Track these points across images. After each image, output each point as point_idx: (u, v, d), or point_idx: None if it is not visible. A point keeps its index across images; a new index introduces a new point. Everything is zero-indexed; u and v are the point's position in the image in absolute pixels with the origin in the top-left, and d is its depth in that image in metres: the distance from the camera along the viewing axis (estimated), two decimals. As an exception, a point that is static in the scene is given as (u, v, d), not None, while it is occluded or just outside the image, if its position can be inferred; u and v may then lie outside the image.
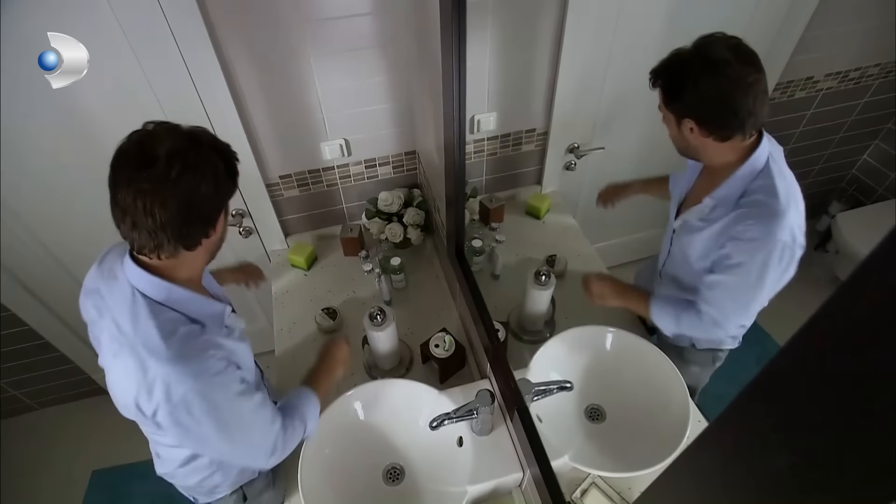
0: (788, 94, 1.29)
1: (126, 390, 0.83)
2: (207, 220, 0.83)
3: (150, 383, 0.80)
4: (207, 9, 1.26)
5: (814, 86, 1.27)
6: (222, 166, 0.82)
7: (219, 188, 0.82)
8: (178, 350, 0.81)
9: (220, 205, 0.85)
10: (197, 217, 0.80)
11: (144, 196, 0.74)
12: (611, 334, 1.24)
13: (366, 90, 1.52)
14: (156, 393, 0.80)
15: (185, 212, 0.77)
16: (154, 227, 0.76)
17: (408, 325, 1.55)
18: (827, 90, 1.28)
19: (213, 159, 0.80)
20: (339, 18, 1.36)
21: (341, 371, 1.23)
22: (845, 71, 1.25)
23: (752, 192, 0.89)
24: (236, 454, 0.98)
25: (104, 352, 0.88)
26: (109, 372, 0.87)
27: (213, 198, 0.82)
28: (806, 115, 1.34)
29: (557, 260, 1.47)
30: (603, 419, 1.21)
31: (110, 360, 0.85)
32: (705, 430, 0.46)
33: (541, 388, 1.06)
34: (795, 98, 1.29)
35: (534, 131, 1.59)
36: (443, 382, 1.39)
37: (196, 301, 0.88)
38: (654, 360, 1.16)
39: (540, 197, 1.69)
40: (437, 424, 1.07)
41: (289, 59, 1.40)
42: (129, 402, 0.83)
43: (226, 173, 0.83)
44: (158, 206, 0.75)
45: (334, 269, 1.75)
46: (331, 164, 1.66)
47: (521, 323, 1.40)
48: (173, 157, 0.75)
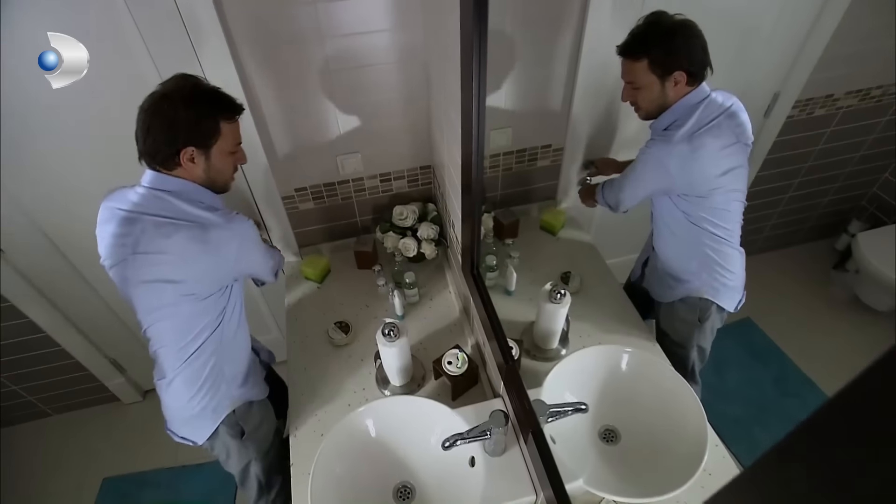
0: (808, 112, 1.27)
1: (181, 260, 1.08)
2: (167, 149, 1.07)
3: (214, 238, 1.09)
4: (230, 27, 1.28)
5: (834, 103, 1.26)
6: (179, 114, 1.03)
7: (175, 131, 1.05)
8: (216, 216, 1.10)
9: (174, 142, 1.06)
10: (155, 143, 1.06)
11: (139, 116, 1.06)
12: (627, 354, 1.22)
13: (382, 105, 1.53)
14: (217, 241, 1.10)
15: (149, 137, 1.06)
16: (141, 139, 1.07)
17: (420, 340, 1.54)
18: (847, 108, 1.26)
19: (175, 108, 1.03)
20: (357, 35, 1.37)
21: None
22: (867, 89, 1.23)
23: (678, 125, 1.08)
24: (267, 264, 1.30)
25: (150, 246, 1.07)
26: (153, 256, 1.08)
27: (172, 136, 1.05)
28: (825, 132, 1.32)
29: (572, 277, 1.46)
30: (617, 441, 1.19)
31: (162, 242, 1.07)
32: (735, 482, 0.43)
33: (556, 409, 1.05)
34: (815, 116, 1.28)
35: (549, 147, 1.59)
36: (455, 400, 1.38)
37: (207, 193, 1.14)
38: (671, 382, 1.14)
39: (555, 213, 1.67)
40: (450, 445, 1.06)
41: (307, 74, 1.42)
42: (177, 273, 1.09)
43: (186, 123, 1.05)
44: (140, 127, 1.06)
45: (347, 282, 1.75)
46: (346, 178, 1.67)
47: (534, 341, 1.39)
48: (149, 98, 1.05)
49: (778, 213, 1.63)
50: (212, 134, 1.08)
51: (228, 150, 1.13)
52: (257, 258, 1.24)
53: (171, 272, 1.09)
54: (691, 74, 1.05)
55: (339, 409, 1.38)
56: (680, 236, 1.24)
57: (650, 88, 1.08)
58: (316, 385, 1.46)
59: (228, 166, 1.16)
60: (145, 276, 1.10)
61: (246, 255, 1.18)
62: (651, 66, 1.06)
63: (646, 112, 1.13)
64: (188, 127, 1.05)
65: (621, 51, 1.09)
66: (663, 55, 1.04)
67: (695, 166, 1.10)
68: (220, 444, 1.34)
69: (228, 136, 1.11)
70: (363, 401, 1.40)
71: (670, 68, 1.04)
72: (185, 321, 1.15)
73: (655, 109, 1.12)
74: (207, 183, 1.14)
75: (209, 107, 1.07)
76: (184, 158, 1.08)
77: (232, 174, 1.19)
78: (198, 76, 1.10)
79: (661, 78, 1.06)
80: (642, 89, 1.09)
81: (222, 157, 1.13)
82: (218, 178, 1.15)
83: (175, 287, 1.10)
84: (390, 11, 1.35)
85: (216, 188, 1.17)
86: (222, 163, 1.13)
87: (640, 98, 1.12)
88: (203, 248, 1.09)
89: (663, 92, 1.08)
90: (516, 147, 1.58)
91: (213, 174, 1.13)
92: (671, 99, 1.09)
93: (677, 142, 1.07)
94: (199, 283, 1.13)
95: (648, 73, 1.07)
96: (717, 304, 1.26)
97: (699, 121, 1.06)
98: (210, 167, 1.12)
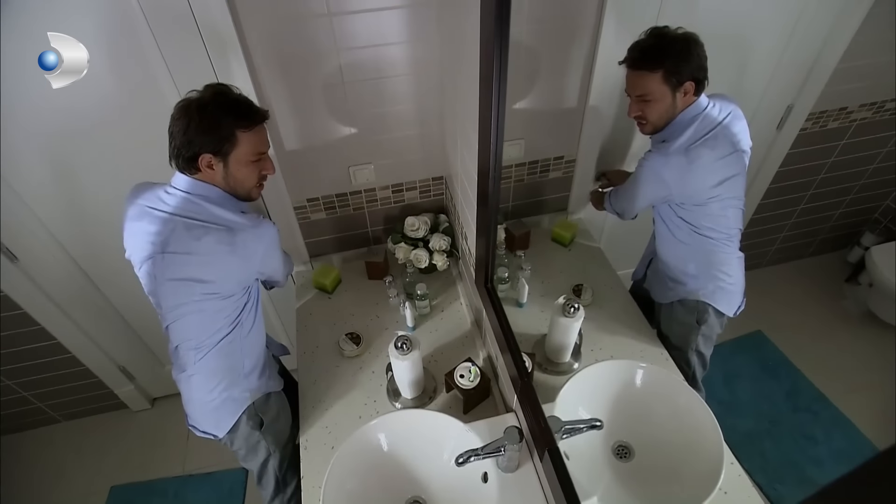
0: (821, 125, 1.27)
1: (209, 260, 1.12)
2: (185, 153, 1.09)
3: (240, 241, 1.12)
4: (246, 39, 1.29)
5: (847, 116, 1.25)
6: (193, 121, 1.06)
7: (191, 137, 1.07)
8: (242, 218, 1.14)
9: (191, 147, 1.08)
10: (176, 148, 1.10)
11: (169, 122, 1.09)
12: (641, 370, 1.21)
13: (396, 116, 1.53)
14: (243, 243, 1.13)
15: (173, 142, 1.10)
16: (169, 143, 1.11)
17: (431, 352, 1.54)
18: (861, 121, 1.26)
19: (191, 115, 1.06)
20: (372, 47, 1.38)
21: None
22: (881, 101, 1.23)
23: (674, 136, 1.09)
24: (284, 269, 1.34)
25: (180, 246, 1.10)
26: (180, 257, 1.11)
27: (188, 141, 1.08)
28: (839, 145, 1.32)
29: (584, 289, 1.45)
30: (631, 458, 1.18)
31: (192, 243, 1.10)
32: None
33: (570, 426, 1.04)
34: (828, 128, 1.27)
35: (562, 158, 1.59)
36: (466, 413, 1.37)
37: (231, 199, 1.16)
38: (686, 398, 1.13)
39: (566, 224, 1.67)
40: (464, 461, 1.05)
41: (321, 85, 1.42)
42: (203, 273, 1.12)
43: (202, 130, 1.06)
44: (168, 131, 1.10)
45: (358, 293, 1.75)
46: (358, 188, 1.68)
47: (546, 354, 1.38)
48: (176, 105, 1.09)
49: (790, 225, 1.62)
50: (227, 141, 1.09)
51: (248, 159, 1.13)
52: (278, 262, 1.27)
53: (198, 272, 1.13)
54: (699, 83, 1.06)
55: (350, 422, 1.38)
56: (679, 239, 1.25)
57: (662, 100, 1.08)
58: (326, 396, 1.45)
59: (250, 176, 1.16)
60: (173, 275, 1.13)
61: (269, 259, 1.22)
62: (665, 77, 1.06)
63: (653, 126, 1.13)
64: (202, 134, 1.07)
65: (633, 63, 1.08)
66: (678, 65, 1.04)
67: (691, 177, 1.12)
68: (239, 438, 1.36)
69: (246, 144, 1.11)
70: (374, 413, 1.39)
71: (683, 78, 1.05)
72: (207, 317, 1.18)
73: (664, 123, 1.11)
74: (229, 190, 1.15)
75: (225, 115, 1.08)
76: (202, 164, 1.10)
77: (255, 184, 1.19)
78: (228, 85, 1.12)
79: (673, 89, 1.06)
80: (653, 102, 1.09)
81: (241, 166, 1.13)
82: (238, 186, 1.16)
83: (202, 286, 1.13)
84: (405, 24, 1.36)
85: (238, 196, 1.18)
86: (242, 172, 1.14)
87: (650, 111, 1.11)
88: (230, 251, 1.12)
89: (673, 103, 1.08)
90: (528, 159, 1.58)
91: (232, 182, 1.15)
92: (678, 110, 1.09)
93: (673, 153, 1.09)
94: (225, 283, 1.16)
95: (662, 85, 1.06)
96: (714, 307, 1.26)
97: (696, 132, 1.07)
98: (229, 175, 1.13)
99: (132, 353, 2.14)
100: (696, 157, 1.08)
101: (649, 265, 1.46)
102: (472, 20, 0.99)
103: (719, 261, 1.23)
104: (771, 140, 1.29)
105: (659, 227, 1.30)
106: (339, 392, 1.46)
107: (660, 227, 1.30)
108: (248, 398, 1.32)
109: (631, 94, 1.12)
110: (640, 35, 1.05)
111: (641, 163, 1.16)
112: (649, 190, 1.19)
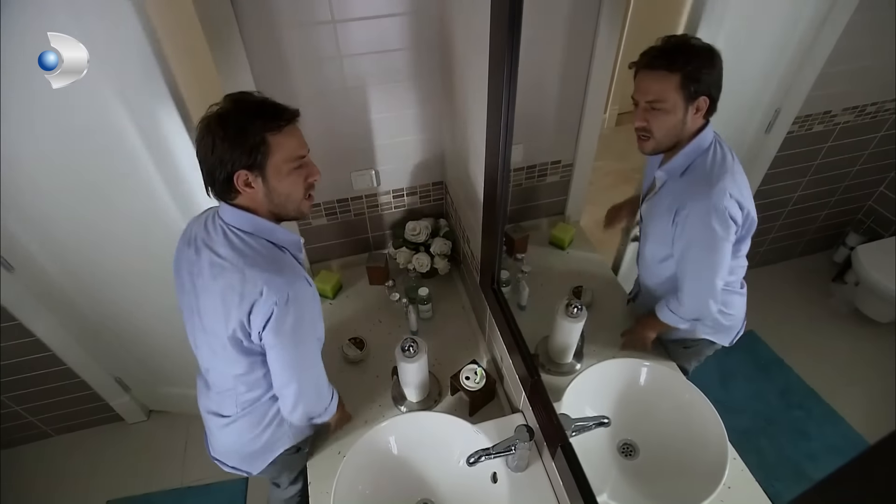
0: (807, 128, 1.31)
1: (222, 308, 0.99)
2: (219, 176, 0.97)
3: (251, 289, 0.96)
4: (248, 45, 1.30)
5: (831, 119, 1.30)
6: (217, 136, 0.94)
7: (220, 155, 0.95)
8: (273, 263, 1.00)
9: (223, 167, 0.96)
10: (208, 173, 0.98)
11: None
12: (645, 368, 1.23)
13: (397, 121, 1.56)
14: (253, 294, 0.96)
15: (203, 167, 0.98)
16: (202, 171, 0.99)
17: (435, 355, 1.55)
18: (844, 124, 1.30)
19: (214, 130, 0.94)
20: (374, 53, 1.40)
21: (333, 422, 1.33)
22: (863, 105, 1.27)
23: (697, 167, 1.02)
24: (297, 374, 1.10)
25: (204, 283, 1.02)
26: (204, 296, 1.03)
27: (218, 161, 0.95)
28: (823, 147, 1.36)
29: (584, 291, 1.48)
30: (636, 456, 1.20)
31: (210, 283, 1.00)
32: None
33: (580, 423, 1.06)
34: (813, 131, 1.32)
35: (559, 163, 1.62)
36: (472, 415, 1.38)
37: (278, 229, 1.05)
38: (690, 396, 1.16)
39: (564, 227, 1.70)
40: (475, 461, 1.06)
41: (324, 92, 1.44)
42: (219, 322, 1.01)
43: (228, 143, 0.94)
44: (198, 159, 0.99)
45: (360, 298, 1.75)
46: (359, 194, 1.69)
47: (548, 355, 1.40)
48: (199, 127, 0.97)
49: (778, 227, 1.65)
50: (258, 150, 0.95)
51: (288, 164, 0.99)
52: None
53: (212, 320, 1.04)
54: (712, 103, 0.98)
55: (356, 426, 1.38)
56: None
57: (673, 111, 0.99)
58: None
59: (295, 185, 1.02)
60: (200, 312, 1.08)
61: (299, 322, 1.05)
62: (683, 83, 0.96)
63: (656, 143, 1.03)
64: (231, 147, 0.94)
65: (651, 61, 0.98)
66: (699, 72, 0.95)
67: (747, 193, 1.02)
68: (272, 468, 1.29)
69: (281, 148, 0.97)
70: (380, 417, 1.40)
71: (700, 90, 0.96)
72: (241, 366, 1.09)
73: (668, 141, 1.03)
74: (276, 209, 1.03)
75: (249, 120, 0.95)
76: (239, 184, 0.97)
77: (304, 194, 1.05)
78: (247, 91, 1.00)
79: (687, 101, 0.98)
80: (663, 112, 0.99)
81: (283, 175, 0.99)
82: (286, 201, 1.03)
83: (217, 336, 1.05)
84: (408, 30, 1.38)
85: (288, 214, 1.06)
86: (285, 182, 1.00)
87: (658, 123, 1.01)
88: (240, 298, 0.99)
89: (683, 119, 1.00)
90: (527, 163, 1.60)
91: (277, 198, 1.01)
92: (687, 131, 1.01)
93: (717, 181, 0.98)
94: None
95: (677, 92, 0.97)
96: (710, 340, 1.23)
97: (717, 164, 1.00)
98: (271, 189, 1.00)
99: (128, 364, 2.11)
100: (736, 170, 0.99)
101: (635, 297, 1.38)
102: (477, 26, 1.01)
103: (726, 303, 1.15)
104: (760, 143, 1.33)
105: (658, 271, 1.21)
106: (343, 397, 1.45)
107: (658, 273, 1.21)
108: (290, 440, 1.24)
109: (639, 100, 1.03)
110: (657, 40, 0.98)
111: (694, 214, 1.02)
112: (727, 237, 1.00)
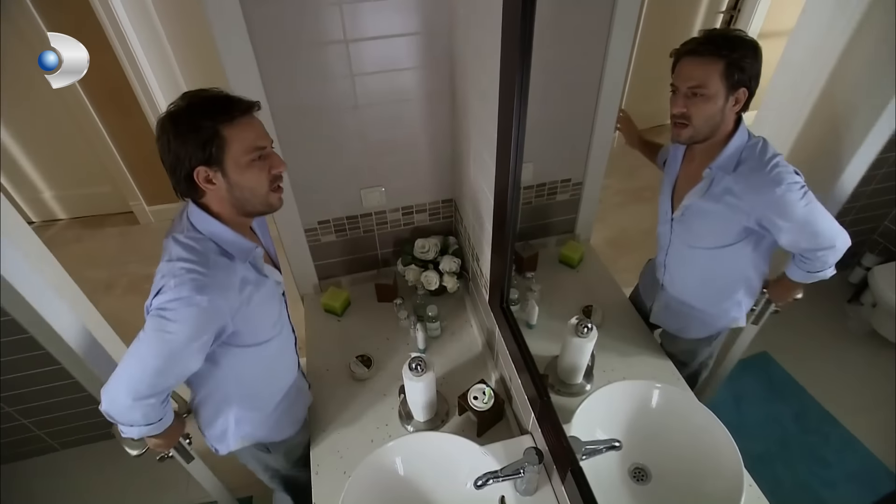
0: (821, 148, 1.30)
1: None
2: (180, 175, 0.97)
3: (157, 279, 0.96)
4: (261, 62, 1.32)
5: (846, 140, 1.29)
6: (171, 134, 0.94)
7: (176, 151, 0.94)
8: (201, 266, 0.95)
9: (181, 164, 0.95)
10: (170, 172, 0.98)
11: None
12: (657, 390, 1.21)
13: (407, 139, 1.57)
14: (158, 283, 0.95)
15: (165, 167, 0.97)
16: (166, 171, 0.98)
17: (442, 374, 1.53)
18: (860, 143, 1.29)
19: (167, 129, 0.94)
20: (384, 72, 1.42)
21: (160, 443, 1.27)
22: (878, 124, 1.26)
23: (746, 159, 1.00)
24: (125, 359, 1.05)
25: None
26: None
27: (175, 158, 0.95)
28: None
29: (594, 310, 1.46)
30: (648, 481, 1.17)
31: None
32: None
33: (590, 446, 1.03)
34: (828, 152, 1.31)
35: (569, 181, 1.61)
36: (480, 436, 1.36)
37: (227, 234, 1.01)
38: (704, 419, 1.13)
39: (574, 246, 1.69)
40: (483, 484, 1.04)
41: (336, 109, 1.45)
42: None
43: (182, 139, 0.93)
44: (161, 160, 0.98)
45: (367, 315, 1.75)
46: (369, 211, 1.70)
47: (558, 375, 1.38)
48: (156, 126, 0.96)
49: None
50: (212, 142, 0.93)
51: (247, 156, 0.97)
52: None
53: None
54: (750, 97, 0.97)
55: (362, 446, 1.36)
56: (723, 282, 1.18)
57: (714, 99, 0.97)
58: (337, 420, 1.44)
59: (258, 178, 0.99)
60: None
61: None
62: (727, 71, 0.95)
63: (693, 131, 1.02)
64: (184, 143, 0.93)
65: (697, 47, 0.97)
66: (744, 61, 0.95)
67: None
68: (246, 454, 1.33)
69: (237, 139, 0.95)
70: (386, 437, 1.38)
71: (742, 81, 0.96)
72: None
73: (706, 130, 1.02)
74: (242, 204, 1.01)
75: (202, 115, 0.93)
76: (200, 181, 0.96)
77: (269, 186, 1.02)
78: (204, 88, 0.99)
79: (729, 90, 0.97)
80: (704, 99, 0.98)
81: (243, 168, 0.97)
82: (251, 195, 1.00)
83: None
84: (418, 50, 1.40)
85: (255, 208, 1.04)
86: (247, 175, 0.98)
87: (698, 110, 1.00)
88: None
89: (723, 109, 0.99)
90: (536, 181, 1.60)
91: (241, 192, 0.99)
92: (725, 123, 1.00)
93: (778, 165, 0.96)
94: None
95: (720, 80, 0.96)
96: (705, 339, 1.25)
97: (767, 150, 0.98)
98: (233, 184, 0.98)
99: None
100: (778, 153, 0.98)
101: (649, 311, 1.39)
102: (488, 45, 1.02)
103: (755, 294, 1.16)
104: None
105: (697, 268, 1.22)
106: (350, 416, 1.45)
107: (697, 270, 1.22)
108: (259, 438, 1.30)
109: (680, 87, 1.00)
110: (700, 32, 0.99)
111: (788, 191, 0.97)
112: (811, 197, 0.98)
